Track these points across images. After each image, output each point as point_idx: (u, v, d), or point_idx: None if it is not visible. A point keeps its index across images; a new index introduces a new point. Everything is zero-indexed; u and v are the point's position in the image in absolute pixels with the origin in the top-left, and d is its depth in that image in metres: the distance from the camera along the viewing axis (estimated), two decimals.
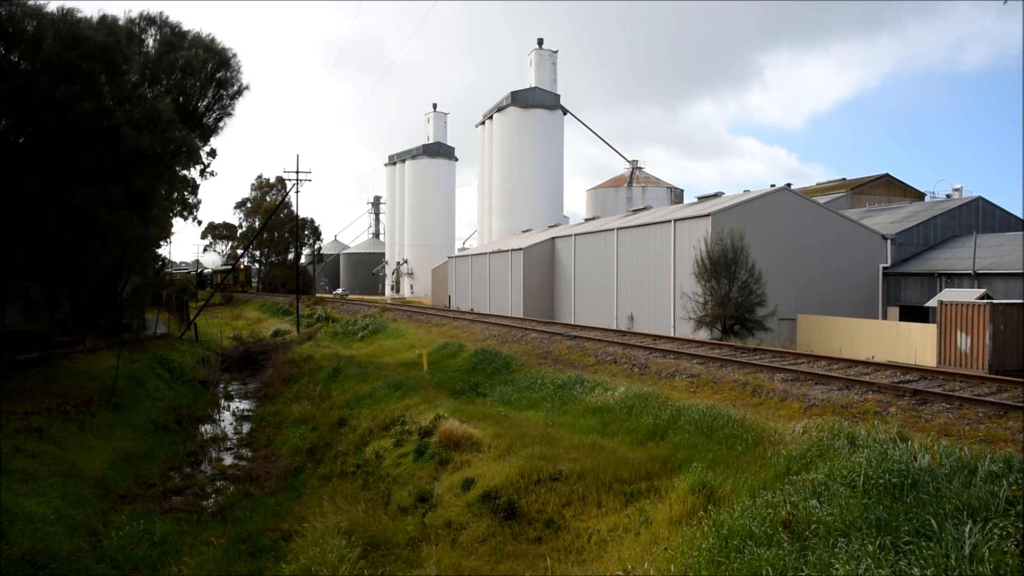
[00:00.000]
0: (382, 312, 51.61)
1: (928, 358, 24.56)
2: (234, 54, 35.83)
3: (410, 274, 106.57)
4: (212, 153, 39.80)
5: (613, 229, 42.52)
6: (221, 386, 33.11)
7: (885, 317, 34.62)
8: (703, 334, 29.13)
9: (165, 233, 41.77)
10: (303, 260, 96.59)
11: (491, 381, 22.88)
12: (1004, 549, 6.35)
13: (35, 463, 14.74)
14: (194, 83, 34.36)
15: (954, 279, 32.24)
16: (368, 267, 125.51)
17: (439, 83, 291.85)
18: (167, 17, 34.18)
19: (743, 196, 37.23)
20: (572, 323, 40.87)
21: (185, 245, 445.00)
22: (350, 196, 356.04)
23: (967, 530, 6.73)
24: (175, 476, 17.95)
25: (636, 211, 51.24)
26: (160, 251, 44.52)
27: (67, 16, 21.77)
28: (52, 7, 21.81)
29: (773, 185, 37.54)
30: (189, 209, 41.85)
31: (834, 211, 37.81)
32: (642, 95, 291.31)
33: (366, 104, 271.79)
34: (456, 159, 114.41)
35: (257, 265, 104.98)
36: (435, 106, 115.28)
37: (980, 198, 40.10)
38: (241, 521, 13.80)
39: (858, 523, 7.35)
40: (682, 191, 77.15)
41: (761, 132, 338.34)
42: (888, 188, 54.87)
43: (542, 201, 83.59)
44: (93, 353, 27.39)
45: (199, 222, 58.03)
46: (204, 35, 35.28)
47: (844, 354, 23.09)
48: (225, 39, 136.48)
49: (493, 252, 58.64)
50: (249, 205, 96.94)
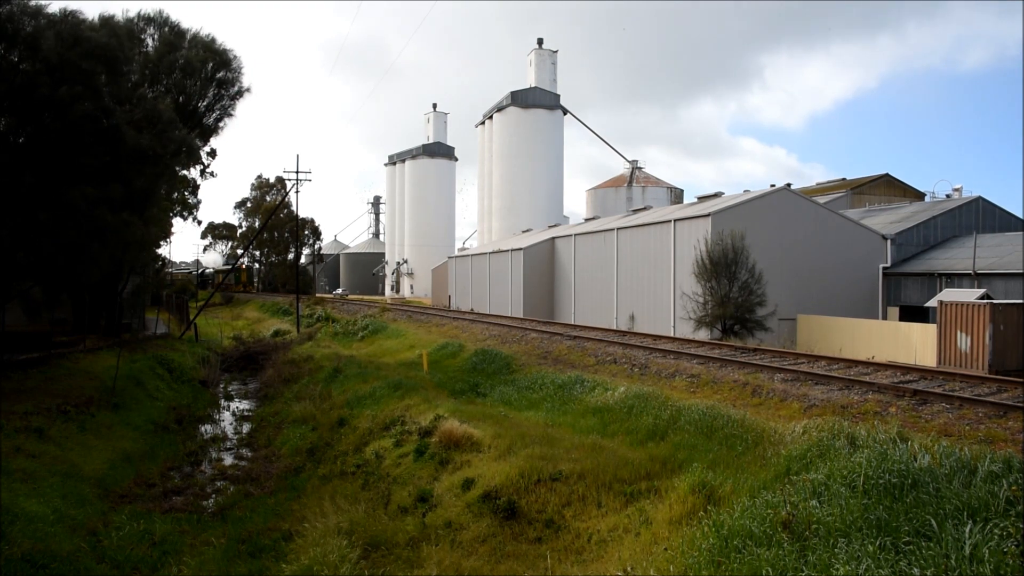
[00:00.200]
0: (382, 312, 51.62)
1: (928, 358, 24.56)
2: (235, 55, 35.99)
3: (410, 274, 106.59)
4: (212, 153, 39.89)
5: (613, 229, 42.53)
6: (221, 386, 33.12)
7: (885, 317, 34.63)
8: (703, 334, 29.14)
9: (165, 233, 41.76)
10: (303, 260, 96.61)
11: (491, 381, 22.88)
12: (1004, 549, 6.35)
13: (35, 463, 14.75)
14: (194, 83, 34.40)
15: (954, 279, 32.25)
16: (368, 267, 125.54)
17: (439, 83, 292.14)
18: (167, 17, 34.26)
19: (743, 196, 37.24)
20: (572, 323, 40.88)
21: (185, 245, 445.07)
22: (350, 196, 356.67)
23: (967, 530, 6.73)
24: (175, 476, 17.95)
25: (636, 211, 51.25)
26: (160, 251, 44.54)
27: (69, 17, 21.79)
28: (54, 8, 21.86)
29: (773, 185, 37.55)
30: (189, 209, 41.86)
31: (834, 211, 37.82)
32: (642, 95, 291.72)
33: (366, 104, 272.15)
34: (456, 159, 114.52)
35: (257, 265, 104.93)
36: (435, 106, 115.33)
37: (980, 198, 40.11)
38: (241, 521, 13.80)
39: (858, 523, 7.35)
40: (682, 191, 77.23)
41: (761, 132, 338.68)
42: (888, 188, 54.89)
43: (542, 201, 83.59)
44: (93, 353, 27.39)
45: (199, 222, 58.07)
46: (204, 35, 35.40)
47: (844, 354, 23.09)
48: (225, 39, 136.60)
49: (493, 252, 58.65)
50: (249, 205, 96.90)
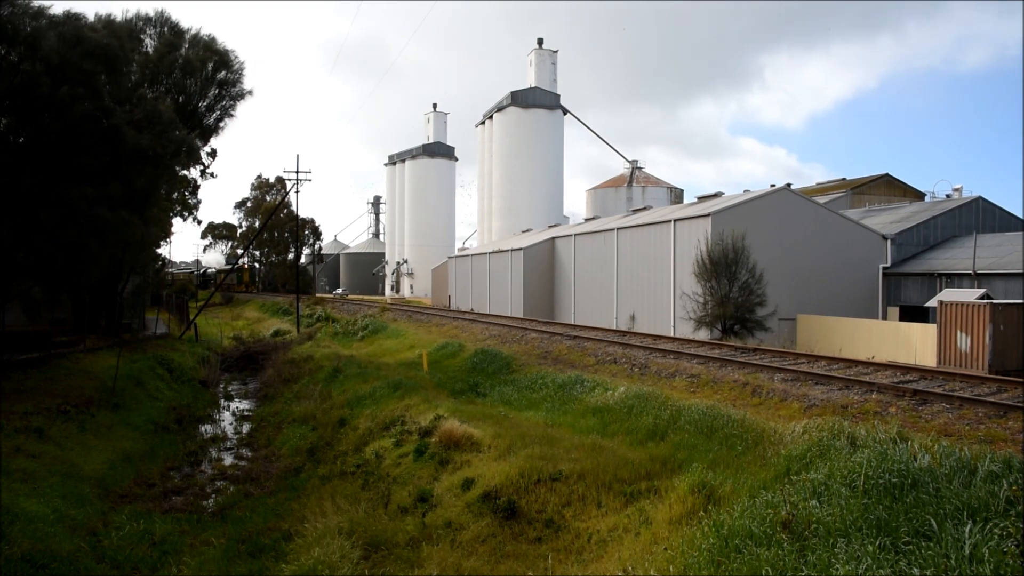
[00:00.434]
0: (382, 312, 51.62)
1: (928, 358, 24.56)
2: (236, 55, 35.95)
3: (410, 274, 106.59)
4: (212, 153, 39.87)
5: (613, 229, 42.52)
6: (221, 386, 33.12)
7: (885, 317, 34.63)
8: (703, 334, 29.14)
9: (165, 233, 41.77)
10: (303, 260, 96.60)
11: (491, 381, 22.88)
12: (1004, 549, 6.34)
13: (35, 463, 14.74)
14: (194, 83, 34.40)
15: (954, 279, 32.25)
16: (368, 267, 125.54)
17: (439, 83, 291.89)
18: (167, 17, 34.26)
19: (743, 196, 37.24)
20: (572, 323, 40.88)
21: (185, 245, 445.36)
22: (350, 196, 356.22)
23: (967, 530, 6.72)
24: (175, 476, 17.95)
25: (636, 211, 51.25)
26: (160, 251, 44.56)
27: (72, 19, 21.82)
28: (57, 9, 21.91)
29: (773, 185, 37.55)
30: (189, 209, 41.86)
31: (834, 211, 37.83)
32: (642, 95, 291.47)
33: (366, 104, 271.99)
34: (456, 159, 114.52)
35: (257, 265, 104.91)
36: (435, 106, 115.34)
37: (980, 198, 40.11)
38: (241, 521, 13.80)
39: (858, 523, 7.34)
40: (682, 191, 77.23)
41: (761, 132, 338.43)
42: (888, 188, 54.89)
43: (542, 201, 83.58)
44: (93, 353, 27.38)
45: (199, 222, 57.90)
46: (204, 35, 35.38)
47: (844, 354, 23.08)
48: (226, 39, 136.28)
49: (493, 252, 58.65)
50: (249, 205, 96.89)
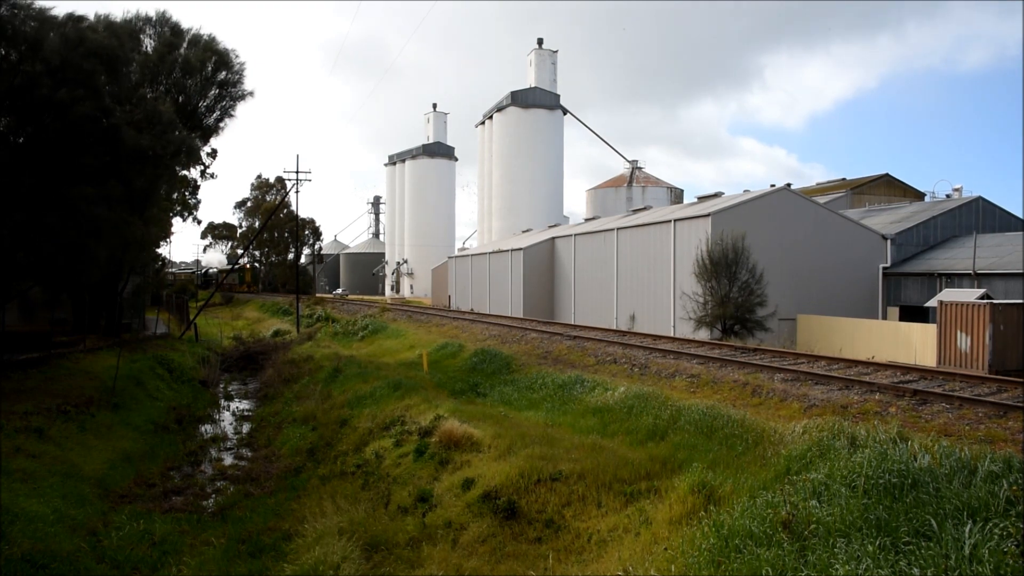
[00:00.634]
0: (382, 312, 51.62)
1: (928, 358, 24.56)
2: (236, 55, 35.89)
3: (410, 274, 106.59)
4: (213, 154, 39.84)
5: (613, 229, 42.52)
6: (221, 386, 33.12)
7: (885, 317, 34.63)
8: (703, 334, 29.14)
9: (165, 233, 41.78)
10: (303, 260, 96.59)
11: (491, 381, 22.88)
12: (1004, 549, 6.35)
13: (35, 463, 14.74)
14: (195, 83, 34.37)
15: (954, 279, 32.25)
16: (368, 267, 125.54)
17: (439, 83, 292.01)
18: (168, 17, 34.22)
19: (743, 196, 37.23)
20: (572, 323, 40.88)
21: (185, 245, 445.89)
22: (350, 196, 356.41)
23: (967, 530, 6.73)
24: (175, 476, 17.95)
25: (636, 211, 51.25)
26: (160, 251, 44.56)
27: (75, 21, 21.85)
28: (59, 11, 21.93)
29: (773, 185, 37.55)
30: (189, 209, 41.84)
31: (834, 211, 37.82)
32: (642, 95, 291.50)
33: (366, 104, 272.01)
34: (456, 159, 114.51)
35: (257, 265, 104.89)
36: (435, 106, 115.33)
37: (980, 198, 40.11)
38: (241, 521, 13.80)
39: (858, 523, 7.35)
40: (682, 191, 77.21)
41: (761, 132, 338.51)
42: (888, 188, 54.89)
43: (542, 201, 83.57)
44: (93, 353, 27.38)
45: (199, 222, 58.03)
46: (204, 35, 35.32)
47: (844, 354, 23.08)
48: (226, 39, 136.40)
49: (493, 252, 58.64)
50: (249, 205, 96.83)
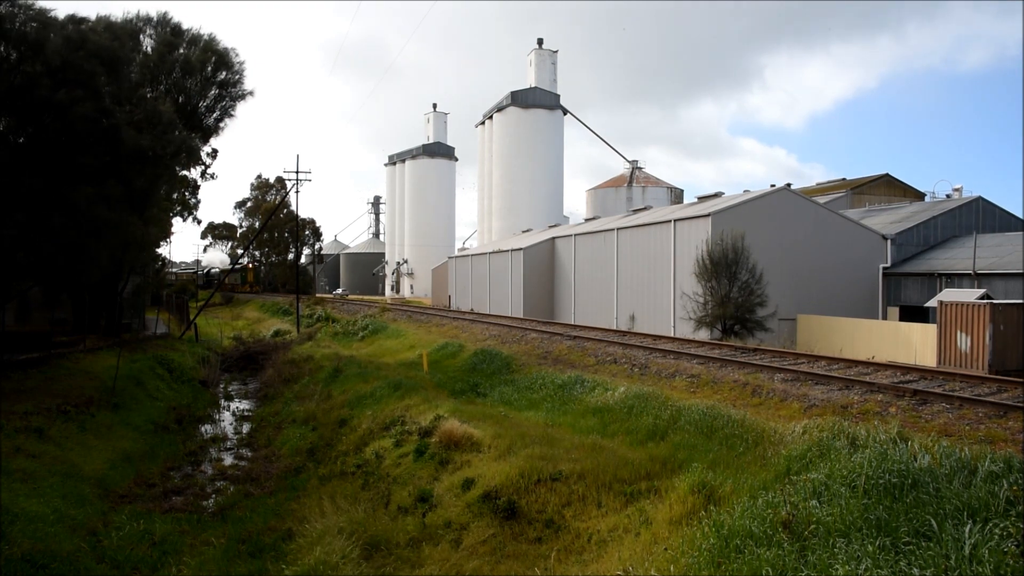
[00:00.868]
0: (382, 312, 51.61)
1: (928, 358, 24.56)
2: (236, 55, 35.89)
3: (410, 274, 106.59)
4: (213, 154, 39.84)
5: (613, 229, 42.52)
6: (221, 386, 33.12)
7: (885, 317, 34.63)
8: (703, 334, 29.14)
9: (165, 233, 41.77)
10: (303, 260, 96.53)
11: (491, 381, 22.88)
12: (1004, 549, 6.35)
13: (35, 463, 14.74)
14: (195, 83, 34.37)
15: (954, 279, 32.25)
16: (368, 267, 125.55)
17: (439, 83, 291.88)
18: (169, 18, 34.24)
19: (743, 196, 37.23)
20: (572, 323, 40.88)
21: (185, 245, 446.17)
22: (350, 196, 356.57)
23: (967, 530, 6.73)
24: (175, 476, 17.95)
25: (636, 211, 51.25)
26: (160, 251, 44.57)
27: (77, 22, 21.88)
28: (61, 12, 22.02)
29: (773, 185, 37.55)
30: (189, 209, 41.84)
31: (834, 211, 37.82)
32: (642, 95, 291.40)
33: (366, 104, 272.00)
34: (456, 159, 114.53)
35: (256, 265, 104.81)
36: (435, 106, 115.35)
37: (980, 198, 40.11)
38: (241, 521, 13.80)
39: (858, 523, 7.35)
40: (682, 191, 77.21)
41: (761, 132, 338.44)
42: (888, 188, 54.88)
43: (542, 201, 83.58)
44: (93, 353, 27.37)
45: (199, 222, 58.08)
46: (204, 34, 35.32)
47: (844, 354, 23.08)
48: (226, 39, 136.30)
49: (493, 252, 58.64)
50: (249, 205, 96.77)
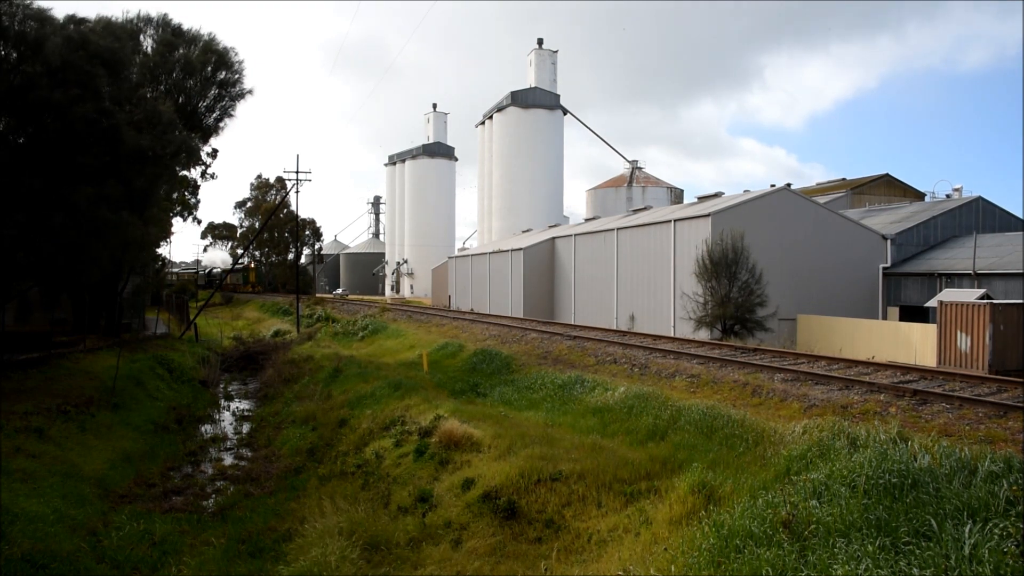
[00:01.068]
0: (382, 312, 51.61)
1: (928, 358, 24.56)
2: (236, 54, 35.88)
3: (410, 274, 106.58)
4: (213, 153, 39.88)
5: (613, 229, 42.52)
6: (221, 386, 33.12)
7: (885, 317, 34.62)
8: (703, 334, 29.14)
9: (165, 233, 41.78)
10: (303, 260, 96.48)
11: (491, 381, 22.88)
12: (1004, 549, 6.35)
13: (35, 463, 14.74)
14: (195, 83, 34.37)
15: (954, 279, 32.24)
16: (368, 267, 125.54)
17: (439, 83, 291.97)
18: (169, 19, 34.26)
19: (743, 196, 37.23)
20: (572, 323, 40.87)
21: (185, 245, 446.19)
22: (350, 196, 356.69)
23: (967, 530, 6.73)
24: (175, 476, 17.95)
25: (636, 211, 51.24)
26: (160, 251, 44.58)
27: (77, 23, 21.89)
28: (60, 12, 22.06)
29: (773, 185, 37.54)
30: (189, 209, 41.89)
31: (834, 211, 37.81)
32: (642, 95, 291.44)
33: (366, 104, 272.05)
34: (456, 159, 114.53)
35: (257, 265, 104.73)
36: (435, 106, 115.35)
37: (980, 198, 40.10)
38: (241, 521, 13.80)
39: (858, 523, 7.35)
40: (682, 191, 77.20)
41: (761, 132, 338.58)
42: (888, 188, 54.87)
43: (542, 201, 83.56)
44: (93, 353, 27.37)
45: (199, 222, 58.09)
46: (204, 34, 35.33)
47: (844, 354, 23.08)
48: (225, 39, 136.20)
49: (493, 252, 58.64)
50: (249, 205, 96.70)
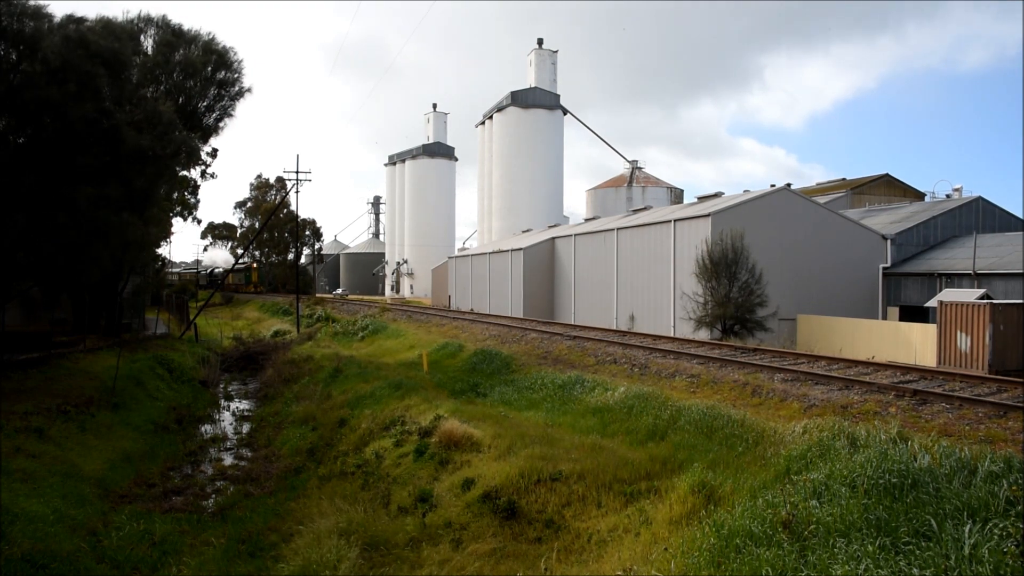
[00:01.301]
0: (382, 312, 51.61)
1: (928, 358, 24.55)
2: (235, 54, 35.83)
3: (410, 274, 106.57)
4: (213, 153, 39.86)
5: (613, 229, 42.51)
6: (221, 386, 33.12)
7: (885, 317, 34.62)
8: (703, 334, 29.13)
9: (165, 233, 41.80)
10: (303, 260, 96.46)
11: (491, 381, 22.87)
12: (1004, 549, 6.35)
13: (35, 463, 14.75)
14: (195, 84, 34.34)
15: (954, 279, 32.24)
16: (368, 267, 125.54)
17: (439, 83, 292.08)
18: (168, 20, 34.22)
19: (743, 196, 37.23)
20: (572, 323, 40.86)
21: (185, 245, 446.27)
22: (350, 196, 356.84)
23: (967, 530, 6.73)
24: (175, 476, 17.96)
25: (636, 211, 51.23)
26: (160, 251, 44.58)
27: (76, 22, 21.89)
28: (59, 11, 22.06)
29: (773, 185, 37.53)
30: (189, 209, 41.88)
31: (834, 211, 37.81)
32: (642, 95, 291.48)
33: (366, 104, 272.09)
34: (456, 159, 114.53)
35: (256, 265, 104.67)
36: (435, 106, 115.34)
37: (980, 198, 40.10)
38: (241, 521, 13.80)
39: (858, 523, 7.35)
40: (682, 191, 77.22)
41: (761, 132, 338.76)
42: (888, 188, 54.86)
43: (542, 201, 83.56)
44: (93, 353, 27.38)
45: (199, 222, 58.14)
46: (204, 34, 35.29)
47: (844, 354, 23.07)
48: (225, 39, 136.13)
49: (493, 252, 58.64)
50: (249, 205, 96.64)
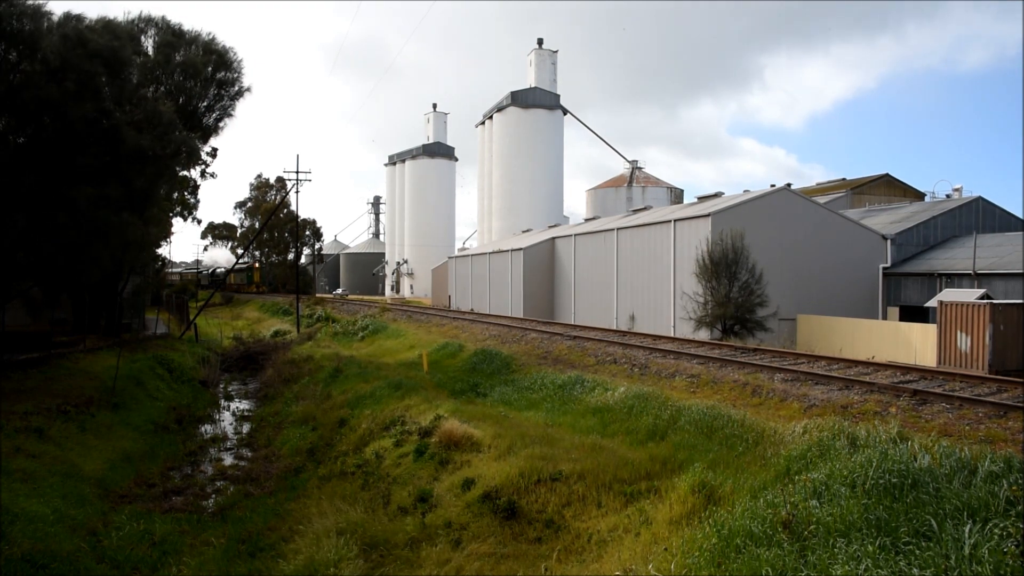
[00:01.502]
0: (382, 312, 51.61)
1: (928, 358, 24.55)
2: (235, 54, 35.82)
3: (410, 274, 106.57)
4: (213, 153, 39.84)
5: (613, 229, 42.51)
6: (221, 386, 33.12)
7: (885, 317, 34.62)
8: (703, 334, 29.13)
9: (165, 233, 41.79)
10: (303, 260, 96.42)
11: (491, 381, 22.87)
12: (1004, 549, 6.34)
13: (35, 463, 14.75)
14: (195, 84, 34.33)
15: (954, 279, 32.24)
16: (368, 267, 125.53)
17: (439, 83, 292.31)
18: (169, 21, 34.24)
19: (743, 196, 37.23)
20: (572, 323, 40.86)
21: (185, 245, 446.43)
22: (350, 196, 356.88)
23: (967, 530, 6.73)
24: (175, 476, 17.96)
25: (636, 211, 51.23)
26: (160, 251, 44.57)
27: (75, 21, 21.88)
28: (59, 11, 22.04)
29: (773, 185, 37.54)
30: (189, 209, 41.86)
31: (834, 211, 37.81)
32: (642, 95, 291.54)
33: (366, 104, 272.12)
34: (456, 159, 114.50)
35: (256, 265, 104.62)
36: (435, 106, 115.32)
37: (980, 198, 40.09)
38: (241, 521, 13.80)
39: (858, 523, 7.35)
40: (682, 191, 77.21)
41: (760, 132, 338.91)
42: (888, 188, 54.86)
43: (542, 201, 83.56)
44: (93, 353, 27.38)
45: (199, 222, 58.13)
46: (204, 35, 35.30)
47: (844, 354, 23.07)
48: (225, 39, 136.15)
49: (493, 252, 58.64)
50: (249, 205, 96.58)
